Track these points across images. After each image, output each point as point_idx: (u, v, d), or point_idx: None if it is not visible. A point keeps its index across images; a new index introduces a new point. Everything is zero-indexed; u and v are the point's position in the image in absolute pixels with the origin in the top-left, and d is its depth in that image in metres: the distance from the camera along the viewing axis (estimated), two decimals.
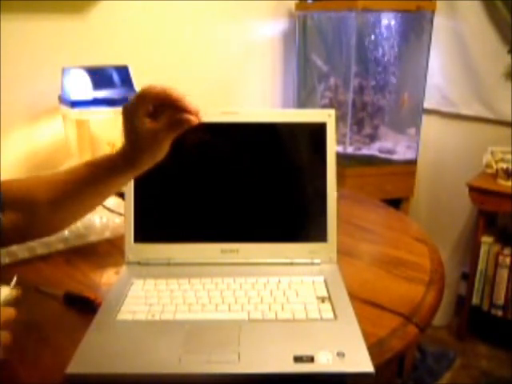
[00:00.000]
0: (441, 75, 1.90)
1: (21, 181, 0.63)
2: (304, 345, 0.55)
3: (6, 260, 0.79)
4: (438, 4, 1.69)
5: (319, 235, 0.75)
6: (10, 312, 0.54)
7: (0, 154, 1.12)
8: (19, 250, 0.80)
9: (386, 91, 1.81)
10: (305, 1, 1.72)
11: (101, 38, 1.26)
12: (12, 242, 0.66)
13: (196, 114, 0.60)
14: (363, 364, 0.53)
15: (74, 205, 0.63)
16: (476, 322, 1.84)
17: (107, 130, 1.10)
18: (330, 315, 0.62)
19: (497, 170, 1.63)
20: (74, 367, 0.53)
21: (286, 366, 0.52)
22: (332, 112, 0.75)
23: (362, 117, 1.79)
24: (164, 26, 1.41)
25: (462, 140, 1.94)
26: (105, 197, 0.66)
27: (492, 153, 1.70)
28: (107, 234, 0.89)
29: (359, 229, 0.94)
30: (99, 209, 0.88)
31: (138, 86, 1.15)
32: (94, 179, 0.62)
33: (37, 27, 1.13)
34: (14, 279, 0.71)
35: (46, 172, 0.64)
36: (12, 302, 0.66)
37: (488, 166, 1.69)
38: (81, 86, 1.06)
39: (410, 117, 1.84)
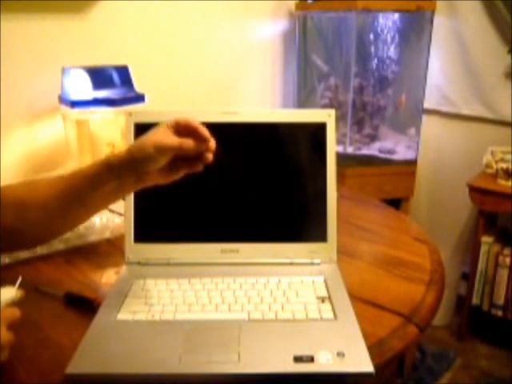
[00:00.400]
0: (441, 75, 1.90)
1: (15, 187, 0.63)
2: (304, 345, 0.55)
3: (6, 260, 0.79)
4: (438, 4, 1.69)
5: (319, 235, 0.75)
6: (14, 312, 0.54)
7: (0, 154, 1.12)
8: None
9: (386, 91, 1.81)
10: (305, 1, 1.72)
11: (101, 38, 1.26)
12: (5, 249, 0.66)
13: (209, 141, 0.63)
14: (363, 364, 0.53)
15: (67, 211, 0.62)
16: (476, 322, 1.84)
17: (107, 130, 1.10)
18: (330, 315, 0.62)
19: (497, 170, 1.63)
20: (74, 367, 0.53)
21: (286, 365, 0.52)
22: (332, 112, 0.75)
23: (362, 117, 1.79)
24: (164, 26, 1.40)
25: (462, 140, 1.94)
26: (99, 207, 0.65)
27: (492, 153, 1.70)
28: (107, 234, 0.89)
29: (359, 229, 0.94)
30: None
31: (137, 86, 1.15)
32: (83, 190, 0.61)
33: (37, 27, 1.13)
34: (19, 280, 0.70)
35: (43, 175, 0.64)
36: (16, 303, 0.66)
37: (488, 166, 1.69)
38: (81, 86, 1.06)
39: (410, 117, 1.84)
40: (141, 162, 0.60)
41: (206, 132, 0.63)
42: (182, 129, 0.63)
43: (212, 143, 0.63)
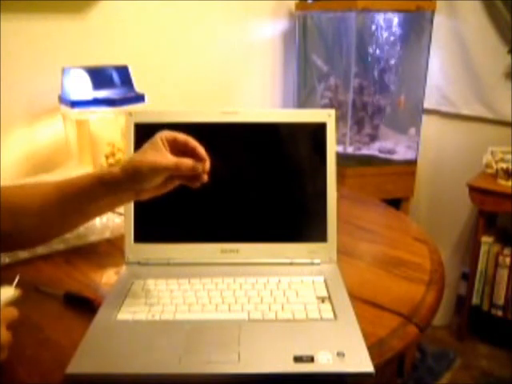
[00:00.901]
0: (441, 75, 1.90)
1: (10, 191, 0.63)
2: (304, 345, 0.55)
3: (6, 260, 0.79)
4: (438, 4, 1.69)
5: (319, 235, 0.75)
6: (13, 312, 0.54)
7: (0, 154, 1.12)
8: (19, 250, 0.80)
9: (385, 91, 1.81)
10: (305, 1, 1.72)
11: (101, 38, 1.26)
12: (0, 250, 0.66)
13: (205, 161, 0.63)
14: (363, 364, 0.53)
15: (63, 219, 0.63)
16: (476, 322, 1.84)
17: (107, 129, 1.10)
18: (330, 315, 0.62)
19: (497, 170, 1.63)
20: (74, 367, 0.53)
21: (286, 365, 0.52)
22: (332, 112, 0.75)
23: (361, 117, 1.79)
24: (164, 26, 1.41)
25: (462, 140, 1.94)
26: (95, 215, 0.66)
27: (492, 153, 1.70)
28: (107, 234, 0.89)
29: (359, 229, 0.94)
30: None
31: (137, 86, 1.15)
32: (81, 199, 0.61)
33: (37, 27, 1.13)
34: (16, 279, 0.70)
35: (43, 175, 0.64)
36: (14, 302, 0.66)
37: (488, 166, 1.69)
38: (81, 86, 1.06)
39: (410, 117, 1.84)
40: (136, 181, 0.61)
41: (203, 152, 0.63)
42: (180, 146, 0.63)
43: (207, 164, 0.63)
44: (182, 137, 0.63)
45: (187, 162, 0.62)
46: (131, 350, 0.55)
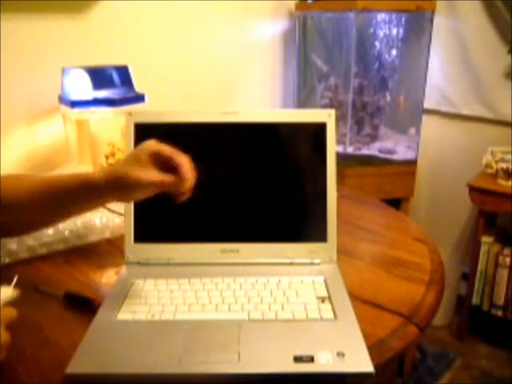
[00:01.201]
0: (441, 75, 1.90)
1: (4, 180, 0.64)
2: (304, 345, 0.55)
3: (6, 260, 0.79)
4: (438, 4, 1.69)
5: (319, 235, 0.75)
6: (12, 312, 0.54)
7: (0, 154, 1.12)
8: (19, 250, 0.80)
9: (385, 91, 1.81)
10: (305, 1, 1.72)
11: (101, 38, 1.26)
12: None
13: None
14: (363, 364, 0.53)
15: (49, 215, 0.65)
16: (476, 322, 1.84)
17: (107, 129, 1.10)
18: (330, 315, 0.62)
19: (497, 170, 1.63)
20: (74, 367, 0.53)
21: (286, 366, 0.52)
22: (332, 112, 0.75)
23: (362, 117, 1.79)
24: (164, 26, 1.41)
25: (462, 140, 1.94)
26: (82, 212, 0.68)
27: (492, 153, 1.70)
28: (107, 234, 0.89)
29: (359, 229, 0.94)
30: (99, 209, 0.88)
31: (137, 86, 1.15)
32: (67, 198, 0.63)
33: (37, 27, 1.13)
34: (15, 279, 0.70)
35: (32, 174, 0.66)
36: (12, 302, 0.66)
37: (488, 166, 1.69)
38: (81, 86, 1.06)
39: (410, 117, 1.84)
40: (120, 190, 0.61)
41: (187, 172, 0.61)
42: (164, 161, 0.62)
43: (190, 183, 0.62)
44: (166, 152, 0.62)
45: (169, 180, 0.61)
46: (131, 350, 0.55)
